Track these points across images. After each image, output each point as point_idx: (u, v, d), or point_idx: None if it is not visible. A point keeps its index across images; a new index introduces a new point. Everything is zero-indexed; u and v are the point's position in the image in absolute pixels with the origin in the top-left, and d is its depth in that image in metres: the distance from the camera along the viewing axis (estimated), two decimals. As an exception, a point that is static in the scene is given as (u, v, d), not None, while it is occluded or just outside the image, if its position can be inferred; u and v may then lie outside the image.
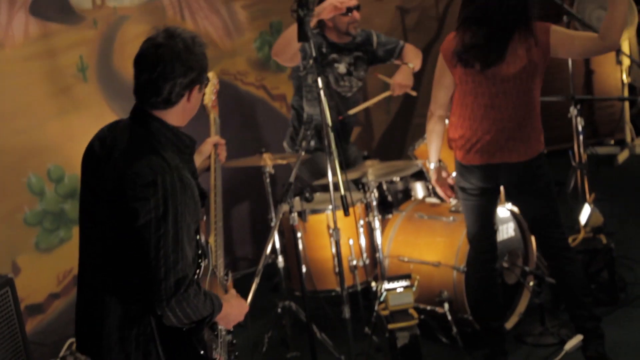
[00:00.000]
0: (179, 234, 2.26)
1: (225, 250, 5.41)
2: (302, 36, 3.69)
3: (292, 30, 3.91)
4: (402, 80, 4.66)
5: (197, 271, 2.42)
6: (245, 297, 4.10)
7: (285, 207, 4.11)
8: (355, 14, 4.59)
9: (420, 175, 4.75)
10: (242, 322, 2.63)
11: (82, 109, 4.59)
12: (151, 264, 2.23)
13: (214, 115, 3.15)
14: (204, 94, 2.74)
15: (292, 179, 4.05)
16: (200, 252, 2.46)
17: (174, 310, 2.26)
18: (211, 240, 2.78)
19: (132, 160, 2.29)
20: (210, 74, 2.95)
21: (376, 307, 3.94)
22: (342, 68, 4.71)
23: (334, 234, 3.92)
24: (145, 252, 2.24)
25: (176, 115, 2.41)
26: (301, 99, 4.69)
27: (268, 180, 4.30)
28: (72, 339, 4.03)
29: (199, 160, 2.87)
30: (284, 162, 4.39)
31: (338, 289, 4.07)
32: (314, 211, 4.24)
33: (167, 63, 2.31)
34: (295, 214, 4.10)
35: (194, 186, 2.38)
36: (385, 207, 4.62)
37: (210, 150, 3.01)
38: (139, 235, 2.24)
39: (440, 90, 3.78)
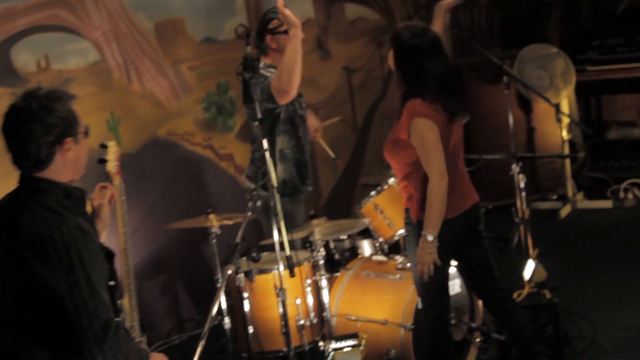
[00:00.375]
0: (90, 279, 2.25)
1: (171, 312, 5.38)
2: (248, 98, 3.72)
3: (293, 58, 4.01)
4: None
5: (118, 317, 2.40)
6: (191, 359, 4.06)
7: (231, 268, 4.09)
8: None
9: (367, 233, 4.75)
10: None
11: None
12: (72, 317, 2.20)
13: (117, 182, 3.10)
14: (106, 161, 2.76)
15: (238, 239, 4.04)
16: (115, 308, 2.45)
17: (106, 356, 2.22)
18: (125, 301, 2.76)
19: (25, 223, 2.28)
20: (111, 143, 2.96)
21: (324, 367, 3.93)
22: None
23: (281, 294, 3.91)
24: (62, 306, 2.22)
25: (59, 172, 2.41)
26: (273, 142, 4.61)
27: (214, 241, 4.28)
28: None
29: (100, 225, 2.79)
30: (230, 222, 4.37)
31: (285, 349, 4.03)
32: (261, 271, 4.21)
33: (24, 126, 2.32)
34: (241, 275, 4.08)
35: (93, 234, 2.38)
36: (333, 265, 4.62)
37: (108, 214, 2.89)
38: (52, 293, 2.22)
39: (440, 152, 3.65)
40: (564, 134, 6.71)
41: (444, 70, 3.77)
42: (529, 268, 4.71)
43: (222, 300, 4.23)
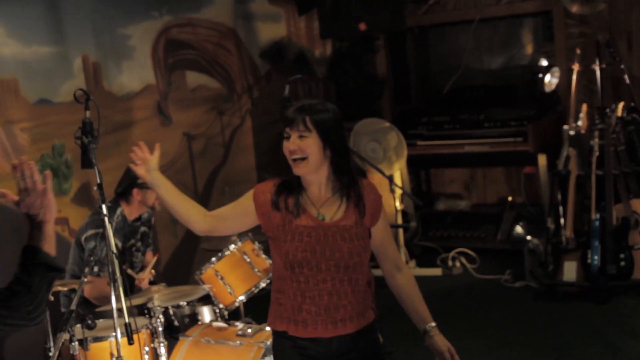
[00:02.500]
0: None
1: (-3, 383, 4.98)
2: (87, 163, 3.59)
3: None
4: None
5: None
6: None
7: (65, 336, 3.90)
8: None
9: (207, 300, 4.70)
10: None
11: None
12: None
13: None
14: None
15: (73, 305, 3.86)
16: None
17: None
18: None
19: None
20: None
21: None
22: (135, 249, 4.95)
23: (118, 363, 3.73)
24: None
25: None
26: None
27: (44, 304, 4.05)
28: None
29: None
30: (65, 288, 4.18)
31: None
32: (97, 339, 4.03)
33: None
34: (75, 343, 3.91)
35: None
36: (172, 332, 4.50)
37: None
38: None
39: None
40: (397, 204, 6.87)
41: None
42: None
43: (54, 371, 3.98)
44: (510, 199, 7.76)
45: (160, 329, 4.11)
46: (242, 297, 4.66)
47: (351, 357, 3.02)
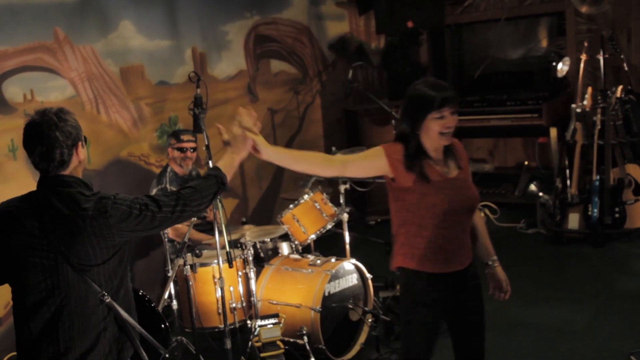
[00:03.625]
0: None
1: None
2: (197, 129, 3.74)
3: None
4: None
5: None
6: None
7: (180, 261, 4.08)
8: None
9: (286, 237, 4.79)
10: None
11: (11, 182, 4.43)
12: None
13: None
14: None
15: (186, 239, 4.04)
16: None
17: None
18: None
19: (78, 203, 2.31)
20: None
21: (251, 340, 3.93)
22: None
23: (219, 282, 3.91)
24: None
25: (74, 169, 2.43)
26: None
27: (166, 239, 4.25)
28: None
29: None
30: (180, 225, 4.36)
31: (221, 325, 4.03)
32: (203, 264, 4.21)
33: (49, 134, 2.34)
34: (187, 267, 4.07)
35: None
36: (259, 261, 4.64)
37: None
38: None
39: None
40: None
41: None
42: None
43: (172, 287, 4.19)
44: (526, 163, 7.71)
45: (250, 258, 4.26)
46: (313, 236, 4.72)
47: (473, 284, 2.96)
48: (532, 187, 6.91)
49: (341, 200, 4.93)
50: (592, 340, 4.35)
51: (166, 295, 4.01)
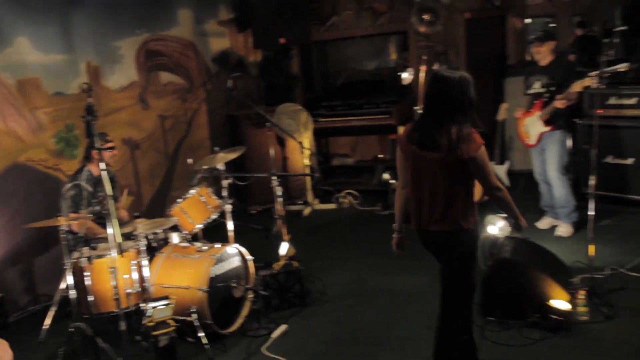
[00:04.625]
0: None
1: (28, 289, 4.91)
2: (89, 134, 3.53)
3: None
4: None
5: None
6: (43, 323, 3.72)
7: (76, 254, 3.85)
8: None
9: (176, 228, 4.63)
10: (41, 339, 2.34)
11: None
12: None
13: None
14: None
15: (82, 233, 3.81)
16: None
17: None
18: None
19: None
20: None
21: (144, 321, 3.76)
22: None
23: (114, 272, 3.71)
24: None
25: None
26: None
27: (63, 235, 3.98)
28: None
29: None
30: (75, 222, 4.10)
31: (117, 310, 3.83)
32: (99, 256, 3.98)
33: None
34: (84, 259, 3.85)
35: None
36: (152, 250, 4.46)
37: None
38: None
39: (400, 169, 3.13)
40: (306, 161, 6.92)
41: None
42: (283, 247, 4.79)
43: (69, 278, 3.93)
44: (380, 156, 7.92)
45: (143, 248, 4.08)
46: (200, 225, 4.61)
47: None
48: (385, 175, 7.07)
49: (224, 194, 4.83)
50: (434, 298, 4.48)
51: (64, 286, 3.74)
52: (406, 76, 7.03)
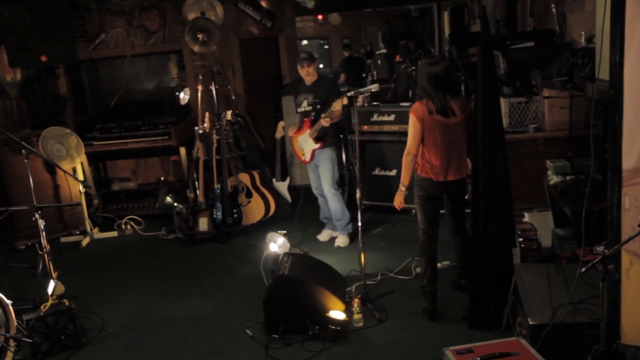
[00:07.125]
0: None
1: None
2: None
3: None
4: None
5: None
6: None
7: None
8: None
9: None
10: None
11: None
12: None
13: None
14: None
15: None
16: None
17: None
18: None
19: None
20: None
21: None
22: None
23: None
24: None
25: None
26: None
27: None
28: None
29: None
30: None
31: None
32: None
33: None
34: None
35: None
36: None
37: None
38: None
39: (412, 136, 3.93)
40: (81, 188, 6.44)
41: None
42: (51, 286, 4.37)
43: None
44: (162, 178, 7.69)
45: None
46: None
47: None
48: (169, 199, 6.88)
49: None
50: (219, 322, 4.44)
51: None
52: (183, 96, 6.92)
